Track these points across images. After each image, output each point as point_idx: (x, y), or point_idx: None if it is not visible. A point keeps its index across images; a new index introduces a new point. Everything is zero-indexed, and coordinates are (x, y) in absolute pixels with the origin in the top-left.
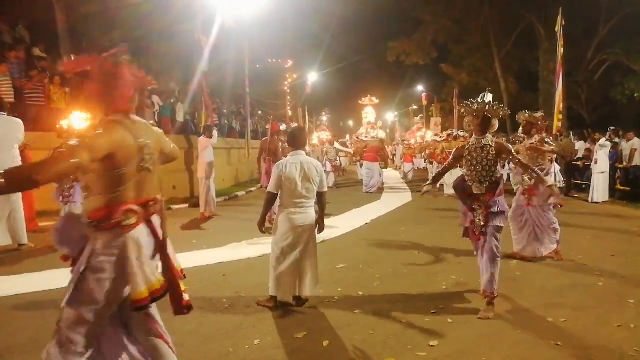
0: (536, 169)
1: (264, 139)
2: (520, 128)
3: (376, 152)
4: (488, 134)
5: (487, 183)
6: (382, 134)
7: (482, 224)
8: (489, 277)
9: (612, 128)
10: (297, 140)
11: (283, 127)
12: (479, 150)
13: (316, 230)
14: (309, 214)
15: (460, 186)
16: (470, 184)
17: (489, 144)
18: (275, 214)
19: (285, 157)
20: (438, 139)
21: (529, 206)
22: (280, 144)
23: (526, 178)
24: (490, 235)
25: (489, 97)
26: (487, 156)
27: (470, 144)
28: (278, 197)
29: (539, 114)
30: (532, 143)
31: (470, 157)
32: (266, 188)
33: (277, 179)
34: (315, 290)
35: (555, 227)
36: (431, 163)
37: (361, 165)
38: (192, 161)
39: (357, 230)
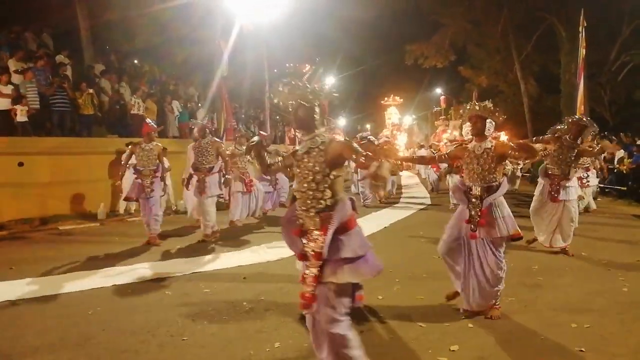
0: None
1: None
2: (469, 127)
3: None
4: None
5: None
6: (405, 137)
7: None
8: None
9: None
10: None
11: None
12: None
13: None
14: None
15: None
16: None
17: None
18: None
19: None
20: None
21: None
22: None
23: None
24: None
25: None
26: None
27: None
28: None
29: (489, 104)
30: (488, 147)
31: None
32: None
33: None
34: None
35: (501, 275)
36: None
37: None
38: None
39: (375, 234)
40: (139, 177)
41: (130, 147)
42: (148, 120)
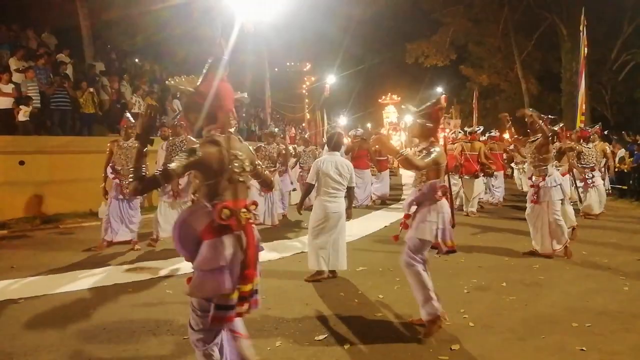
0: None
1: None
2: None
3: (366, 155)
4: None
5: None
6: (404, 137)
7: None
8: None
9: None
10: (333, 144)
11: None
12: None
13: (344, 217)
14: (340, 203)
15: None
16: None
17: None
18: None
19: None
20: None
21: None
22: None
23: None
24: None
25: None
26: None
27: None
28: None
29: (440, 101)
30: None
31: None
32: None
33: (315, 172)
34: (345, 263)
35: (428, 292)
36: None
37: None
38: None
39: (376, 233)
40: (117, 177)
41: (109, 144)
42: (128, 115)
